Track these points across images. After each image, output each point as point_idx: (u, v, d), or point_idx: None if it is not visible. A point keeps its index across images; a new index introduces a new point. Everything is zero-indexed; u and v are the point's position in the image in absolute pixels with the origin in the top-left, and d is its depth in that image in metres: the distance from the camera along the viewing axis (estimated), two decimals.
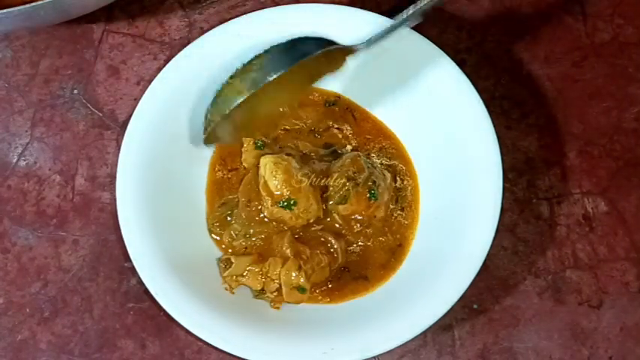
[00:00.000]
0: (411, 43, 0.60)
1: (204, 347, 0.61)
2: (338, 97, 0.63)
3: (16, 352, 0.61)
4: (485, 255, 0.55)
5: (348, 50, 0.57)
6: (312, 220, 0.59)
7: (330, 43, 0.56)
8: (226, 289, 0.58)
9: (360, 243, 0.60)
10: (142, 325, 0.61)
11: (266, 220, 0.59)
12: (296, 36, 0.56)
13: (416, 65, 0.60)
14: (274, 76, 0.54)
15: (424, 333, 0.55)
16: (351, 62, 0.59)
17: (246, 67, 0.56)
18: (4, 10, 0.53)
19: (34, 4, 0.54)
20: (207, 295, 0.56)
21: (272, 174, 0.57)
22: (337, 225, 0.60)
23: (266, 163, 0.58)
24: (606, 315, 0.61)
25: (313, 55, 0.55)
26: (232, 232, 0.60)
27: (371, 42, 0.57)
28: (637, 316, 0.61)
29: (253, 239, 0.59)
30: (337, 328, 0.56)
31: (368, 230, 0.60)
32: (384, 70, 0.61)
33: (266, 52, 0.55)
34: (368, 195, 0.59)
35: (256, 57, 0.56)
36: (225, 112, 0.56)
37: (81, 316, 0.62)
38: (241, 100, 0.55)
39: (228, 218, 0.60)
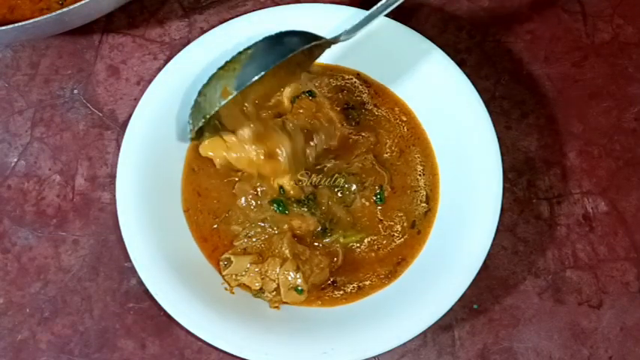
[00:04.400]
0: (411, 43, 0.60)
1: (204, 347, 0.61)
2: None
3: (16, 352, 0.61)
4: (486, 255, 0.55)
5: (331, 42, 0.55)
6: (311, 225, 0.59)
7: (314, 37, 0.54)
8: (226, 289, 0.58)
9: (361, 245, 0.60)
10: (142, 325, 0.61)
11: (267, 221, 0.59)
12: (277, 31, 0.53)
13: (416, 65, 0.60)
14: (259, 75, 0.51)
15: (424, 333, 0.55)
16: (352, 65, 0.58)
17: (229, 65, 0.53)
18: (9, 26, 0.53)
19: (37, 19, 0.53)
20: (207, 295, 0.56)
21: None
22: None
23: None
24: (606, 315, 0.61)
25: (298, 50, 0.52)
26: (232, 233, 0.60)
27: (350, 32, 0.56)
28: (637, 316, 0.61)
29: (254, 240, 0.59)
30: (338, 328, 0.56)
31: (371, 231, 0.60)
32: (384, 70, 0.61)
33: (249, 48, 0.53)
34: (374, 199, 0.59)
35: (240, 54, 0.53)
36: (209, 113, 0.53)
37: (81, 316, 0.62)
38: (225, 102, 0.52)
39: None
